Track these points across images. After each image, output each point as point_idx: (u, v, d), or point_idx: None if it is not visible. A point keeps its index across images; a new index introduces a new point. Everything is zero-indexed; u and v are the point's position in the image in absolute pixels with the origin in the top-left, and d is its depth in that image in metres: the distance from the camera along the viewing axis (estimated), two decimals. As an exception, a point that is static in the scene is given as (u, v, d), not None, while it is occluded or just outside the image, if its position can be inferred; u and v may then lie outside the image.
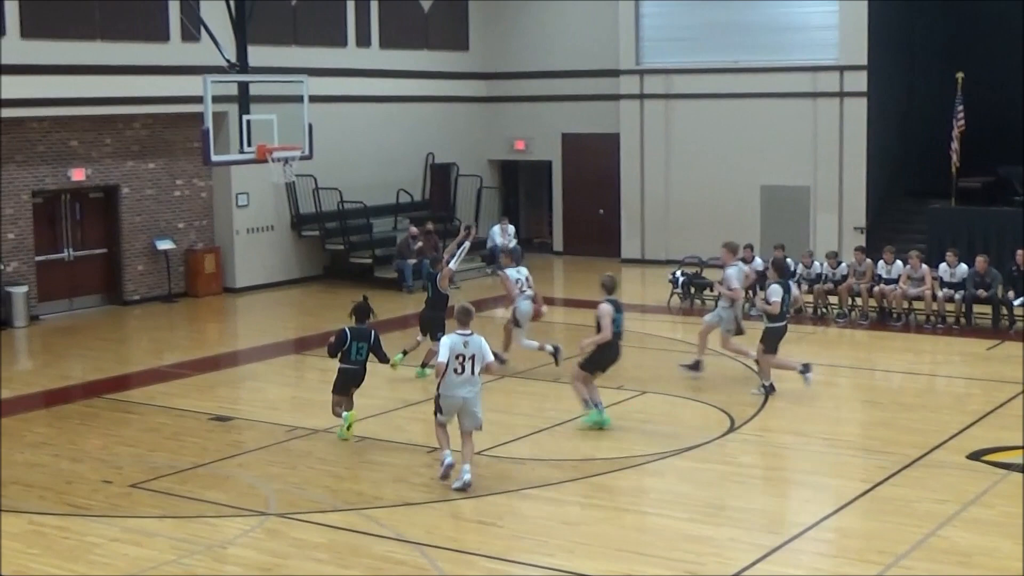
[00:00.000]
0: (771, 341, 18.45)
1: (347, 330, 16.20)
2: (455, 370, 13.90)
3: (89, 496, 14.12)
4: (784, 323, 18.49)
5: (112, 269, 27.38)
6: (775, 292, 18.33)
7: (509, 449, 15.71)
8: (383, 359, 16.85)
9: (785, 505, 13.86)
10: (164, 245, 27.74)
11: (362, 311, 16.38)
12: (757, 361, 18.80)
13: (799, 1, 31.31)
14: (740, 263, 20.61)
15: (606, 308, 16.46)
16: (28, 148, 25.38)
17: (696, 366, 19.74)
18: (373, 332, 16.35)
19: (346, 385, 16.33)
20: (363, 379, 16.41)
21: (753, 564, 11.72)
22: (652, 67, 32.65)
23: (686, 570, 11.58)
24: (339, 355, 16.24)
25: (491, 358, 14.24)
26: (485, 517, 13.20)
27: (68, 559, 12.13)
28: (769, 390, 18.28)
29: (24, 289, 25.05)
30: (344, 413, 16.13)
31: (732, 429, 16.60)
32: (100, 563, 12.00)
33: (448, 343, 13.96)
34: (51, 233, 26.45)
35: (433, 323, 19.46)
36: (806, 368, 18.47)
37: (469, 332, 14.02)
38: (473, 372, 14.01)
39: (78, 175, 26.21)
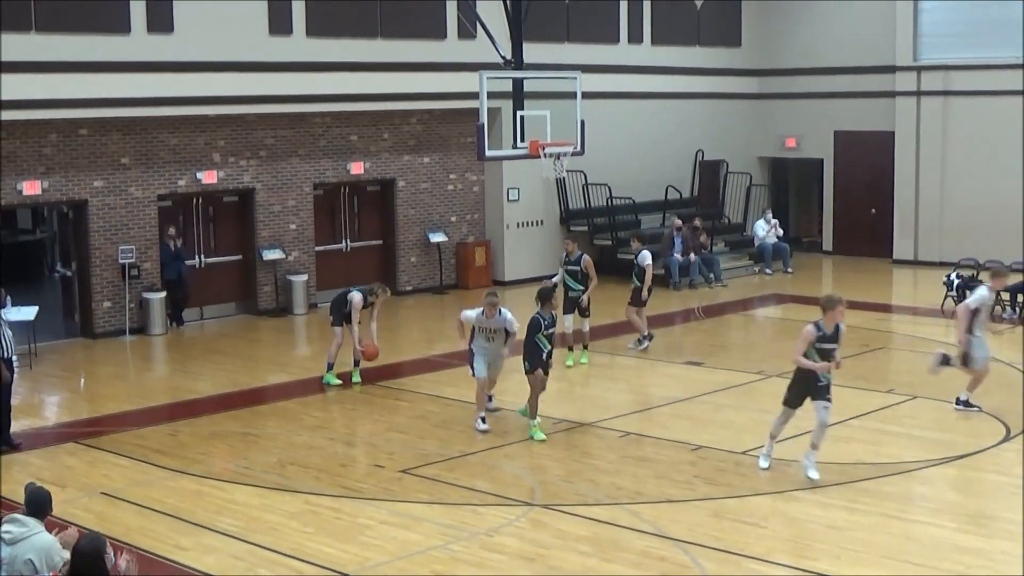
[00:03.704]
0: None
1: (539, 316, 16.56)
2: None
3: (362, 479, 14.60)
4: None
5: (387, 260, 28.18)
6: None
7: (776, 450, 15.55)
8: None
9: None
10: (437, 238, 28.40)
11: (545, 294, 16.80)
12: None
13: (1088, -5, 30.06)
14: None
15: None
16: (311, 142, 26.33)
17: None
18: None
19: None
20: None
21: (1025, 577, 11.39)
22: (930, 63, 31.81)
23: (954, 581, 11.34)
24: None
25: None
26: (749, 517, 13.14)
27: (340, 539, 12.58)
28: None
29: (304, 278, 26.02)
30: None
31: (1007, 438, 16.08)
32: (370, 544, 12.41)
33: None
34: (330, 224, 27.39)
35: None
36: None
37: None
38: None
39: (357, 168, 27.07)
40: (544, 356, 16.45)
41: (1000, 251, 27.14)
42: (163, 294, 24.10)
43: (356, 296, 19.07)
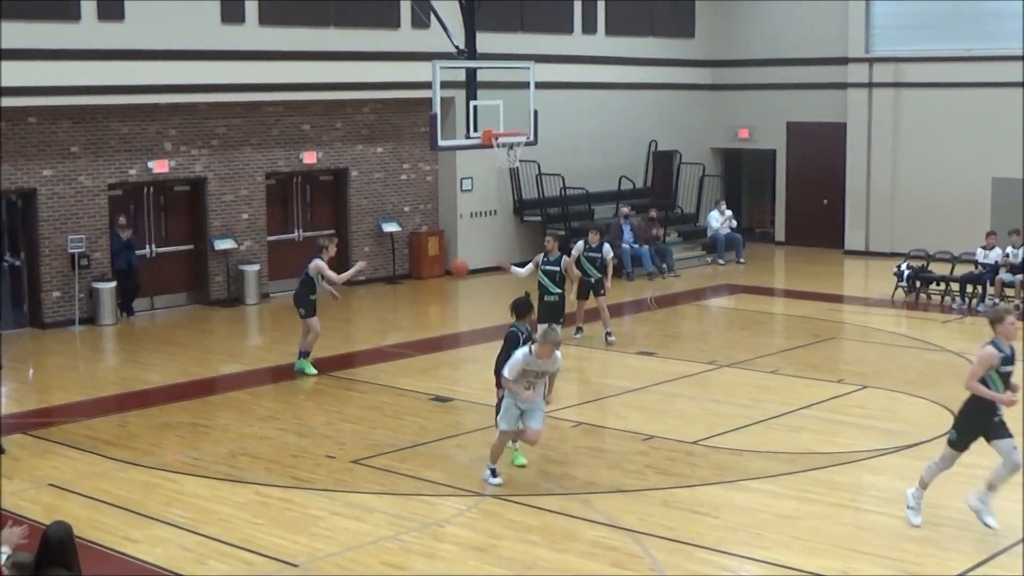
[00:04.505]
0: None
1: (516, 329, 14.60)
2: None
3: (313, 470, 14.54)
4: None
5: (340, 250, 27.82)
6: None
7: (726, 440, 15.63)
8: None
9: (1010, 507, 13.44)
10: (390, 227, 28.33)
11: (523, 307, 14.83)
12: None
13: (1038, -13, 30.29)
14: None
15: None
16: (263, 131, 26.19)
17: None
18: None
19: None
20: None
21: (974, 567, 11.45)
22: (882, 55, 31.99)
23: (904, 570, 11.39)
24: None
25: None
26: (700, 507, 13.17)
27: (291, 530, 12.52)
28: None
29: (256, 268, 25.89)
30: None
31: (956, 428, 16.18)
32: (321, 535, 12.36)
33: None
34: (283, 214, 27.26)
35: None
36: None
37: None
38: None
39: (309, 158, 26.95)
40: None
41: (951, 242, 27.31)
42: (113, 284, 23.90)
43: (313, 263, 19.17)
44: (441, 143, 21.42)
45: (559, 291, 19.72)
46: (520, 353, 13.45)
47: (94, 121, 23.63)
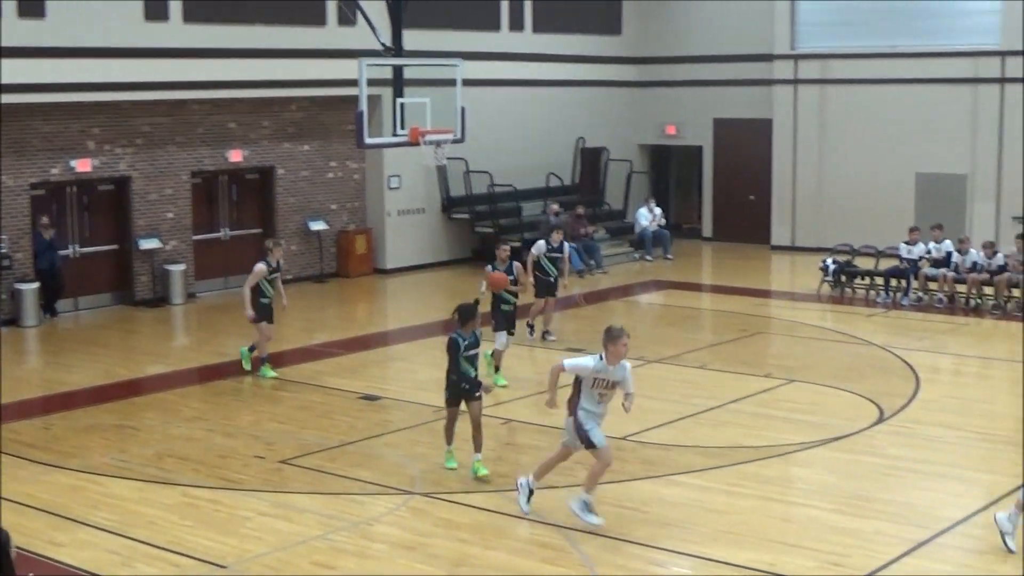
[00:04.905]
0: None
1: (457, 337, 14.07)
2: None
3: (241, 471, 14.44)
4: None
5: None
6: None
7: (655, 435, 15.70)
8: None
9: (934, 499, 13.62)
10: (317, 226, 28.20)
11: (467, 313, 14.27)
12: None
13: (960, -15, 30.70)
14: None
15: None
16: (188, 130, 25.97)
17: None
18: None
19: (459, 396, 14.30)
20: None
21: (900, 558, 11.57)
22: (807, 52, 32.25)
23: (832, 562, 11.47)
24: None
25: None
26: (629, 502, 13.21)
27: (220, 531, 12.42)
28: None
29: (182, 267, 25.68)
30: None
31: (881, 420, 16.38)
32: (251, 536, 12.28)
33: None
34: (209, 213, 27.05)
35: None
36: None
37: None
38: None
39: (235, 156, 26.77)
40: (466, 382, 14.10)
41: (875, 237, 27.58)
42: (36, 285, 23.61)
43: (257, 266, 18.93)
44: (368, 141, 21.34)
45: (515, 300, 19.05)
46: (590, 360, 12.32)
47: (15, 120, 23.31)
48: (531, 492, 12.82)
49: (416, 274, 29.21)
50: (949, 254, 24.94)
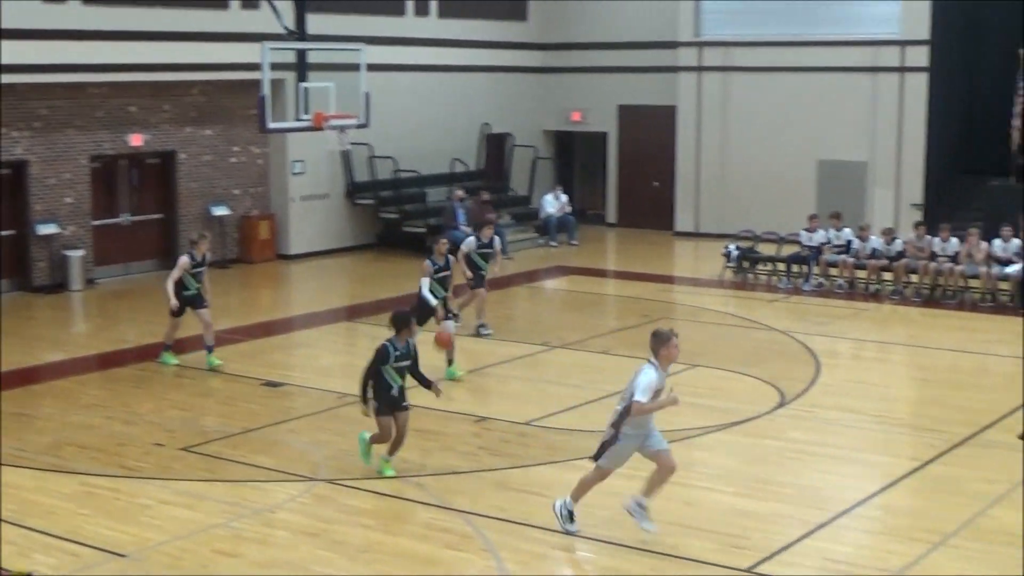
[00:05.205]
0: None
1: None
2: None
3: (141, 459, 14.28)
4: None
5: (168, 234, 27.57)
6: None
7: (558, 420, 15.75)
8: (424, 384, 13.98)
9: (833, 481, 13.81)
10: (219, 211, 27.92)
11: (401, 321, 13.51)
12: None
13: (861, -26, 31.04)
14: None
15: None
16: (88, 113, 25.57)
17: None
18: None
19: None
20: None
21: (799, 540, 11.71)
22: (711, 39, 32.45)
23: (733, 544, 11.59)
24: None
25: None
26: (532, 487, 13.24)
27: (119, 520, 12.28)
28: None
29: (81, 253, 25.29)
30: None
31: (782, 404, 16.56)
32: (151, 525, 12.14)
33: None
34: (108, 198, 26.67)
35: None
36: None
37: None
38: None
39: (136, 141, 26.41)
40: (395, 393, 13.42)
41: (778, 223, 27.88)
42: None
43: (181, 259, 18.65)
44: (271, 125, 21.20)
45: (445, 295, 18.50)
46: (652, 373, 11.47)
47: (-91, 102, 22.87)
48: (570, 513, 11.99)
49: (320, 260, 29.04)
50: (849, 241, 25.25)
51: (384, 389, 13.31)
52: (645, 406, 11.42)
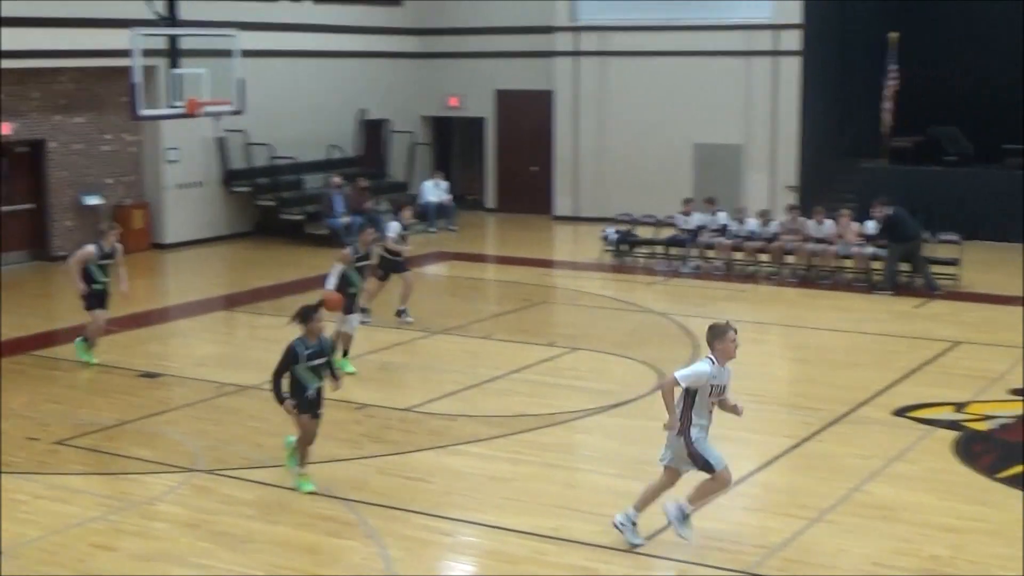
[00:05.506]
0: None
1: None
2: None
3: (14, 453, 13.96)
4: None
5: (39, 224, 27.04)
6: None
7: (439, 405, 15.73)
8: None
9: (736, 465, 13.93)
10: (92, 200, 27.42)
11: (305, 315, 12.65)
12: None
13: (733, -41, 31.36)
14: None
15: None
16: (-47, 101, 25.02)
17: None
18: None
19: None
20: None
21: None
22: (587, 24, 32.58)
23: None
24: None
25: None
26: (414, 473, 13.20)
27: (-8, 516, 12.03)
28: None
29: (-51, 244, 24.76)
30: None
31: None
32: (26, 520, 11.89)
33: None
34: (-24, 188, 26.12)
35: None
36: None
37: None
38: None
39: (4, 129, 25.80)
40: (311, 396, 12.63)
41: (656, 206, 28.06)
42: None
43: (84, 248, 17.90)
44: (143, 113, 20.96)
45: (359, 287, 17.79)
46: (704, 365, 10.85)
47: None
48: (634, 524, 11.33)
49: (196, 248, 28.67)
50: (725, 225, 25.52)
51: (300, 392, 12.47)
52: (668, 387, 10.88)
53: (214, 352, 19.40)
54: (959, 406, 15.50)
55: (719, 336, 10.84)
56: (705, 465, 10.96)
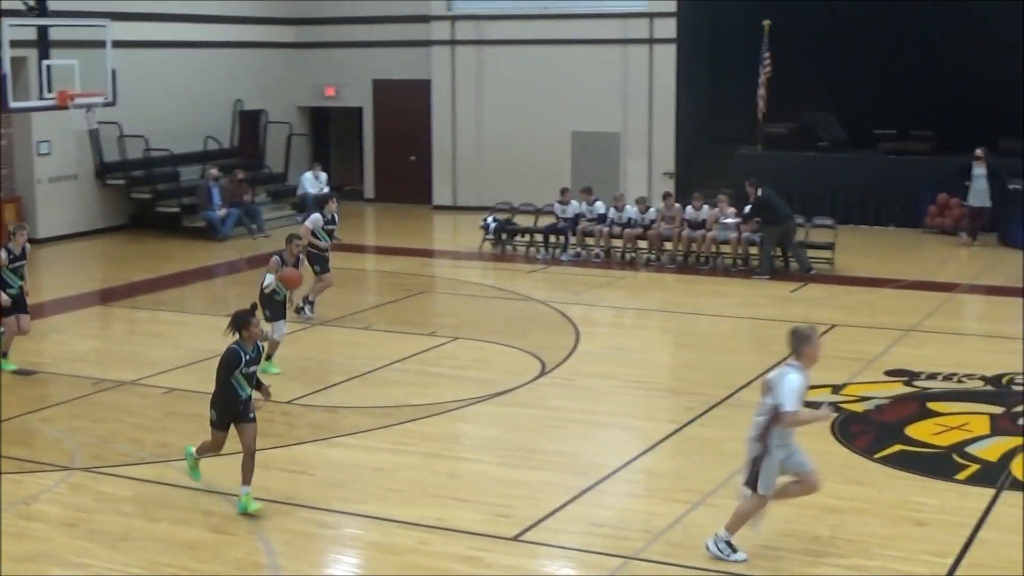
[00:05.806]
0: None
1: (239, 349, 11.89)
2: None
3: None
4: None
5: (-94, 220, 26.42)
6: None
7: (320, 398, 15.63)
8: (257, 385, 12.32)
9: (595, 447, 14.04)
10: (-39, 195, 26.86)
11: (240, 320, 11.88)
12: None
13: (609, -53, 31.55)
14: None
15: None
16: None
17: None
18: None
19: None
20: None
21: (564, 505, 11.85)
22: (463, 13, 32.56)
23: (499, 513, 11.65)
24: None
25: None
26: (296, 466, 13.11)
27: None
28: None
29: None
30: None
31: (543, 373, 16.74)
32: None
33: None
34: None
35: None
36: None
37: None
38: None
39: None
40: (241, 403, 11.92)
41: (534, 195, 28.11)
42: None
43: None
44: (13, 105, 20.56)
45: (288, 291, 17.17)
46: (796, 379, 10.28)
47: None
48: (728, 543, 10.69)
49: (71, 243, 28.15)
50: (602, 214, 25.64)
51: (230, 399, 11.84)
52: (800, 416, 10.34)
53: (91, 348, 19.09)
54: (836, 388, 15.74)
55: (806, 342, 10.38)
56: (754, 484, 10.47)
